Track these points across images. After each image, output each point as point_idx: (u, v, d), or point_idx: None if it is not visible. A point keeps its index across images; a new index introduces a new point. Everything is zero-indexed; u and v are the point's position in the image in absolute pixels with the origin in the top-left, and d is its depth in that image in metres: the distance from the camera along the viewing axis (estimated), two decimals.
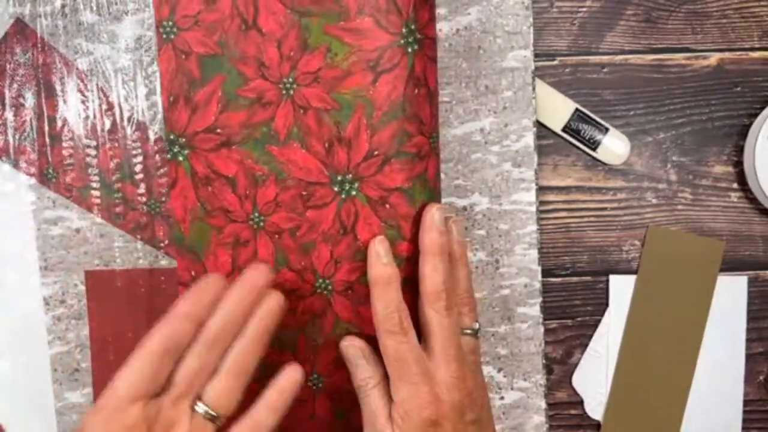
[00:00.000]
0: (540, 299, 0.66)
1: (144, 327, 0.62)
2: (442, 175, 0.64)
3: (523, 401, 0.66)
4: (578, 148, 0.67)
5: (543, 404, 0.66)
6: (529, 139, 0.64)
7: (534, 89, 0.64)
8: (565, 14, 0.66)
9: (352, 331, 0.59)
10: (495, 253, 0.65)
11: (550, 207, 0.68)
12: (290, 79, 0.57)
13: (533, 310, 0.65)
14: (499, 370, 0.66)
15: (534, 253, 0.65)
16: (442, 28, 0.63)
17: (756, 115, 0.65)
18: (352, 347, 0.57)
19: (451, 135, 0.64)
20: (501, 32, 0.64)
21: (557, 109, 0.66)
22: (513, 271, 0.65)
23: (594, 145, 0.66)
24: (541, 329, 0.66)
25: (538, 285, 0.65)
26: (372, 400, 0.56)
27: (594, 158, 0.67)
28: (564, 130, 0.66)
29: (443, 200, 0.64)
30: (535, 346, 0.66)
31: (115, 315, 0.62)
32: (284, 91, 0.57)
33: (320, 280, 0.59)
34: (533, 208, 0.65)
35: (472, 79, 0.64)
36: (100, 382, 0.62)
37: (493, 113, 0.64)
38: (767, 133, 0.63)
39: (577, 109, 0.66)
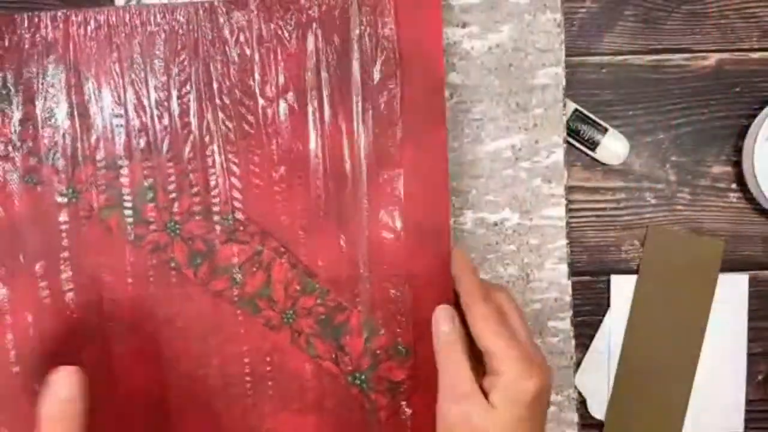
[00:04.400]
0: (570, 312, 0.66)
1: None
2: (473, 191, 0.64)
3: (556, 415, 0.66)
4: (577, 148, 0.67)
5: (575, 418, 0.67)
6: (559, 155, 0.64)
7: (564, 106, 0.64)
8: (565, 15, 0.65)
9: None
10: (525, 268, 0.65)
11: None
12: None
13: (564, 323, 0.66)
14: None
15: (564, 267, 0.65)
16: (474, 45, 0.63)
17: (755, 116, 0.66)
18: None
19: (483, 152, 0.64)
20: (532, 49, 0.63)
21: None
22: (543, 285, 0.65)
23: (593, 145, 0.66)
24: (572, 343, 0.66)
25: (568, 299, 0.65)
26: None
27: (593, 158, 0.67)
28: None
29: (476, 215, 0.64)
30: (567, 360, 0.66)
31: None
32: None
33: None
34: (563, 223, 0.65)
35: (503, 96, 0.63)
36: None
37: (524, 130, 0.63)
38: (766, 134, 0.64)
39: (576, 110, 0.66)
